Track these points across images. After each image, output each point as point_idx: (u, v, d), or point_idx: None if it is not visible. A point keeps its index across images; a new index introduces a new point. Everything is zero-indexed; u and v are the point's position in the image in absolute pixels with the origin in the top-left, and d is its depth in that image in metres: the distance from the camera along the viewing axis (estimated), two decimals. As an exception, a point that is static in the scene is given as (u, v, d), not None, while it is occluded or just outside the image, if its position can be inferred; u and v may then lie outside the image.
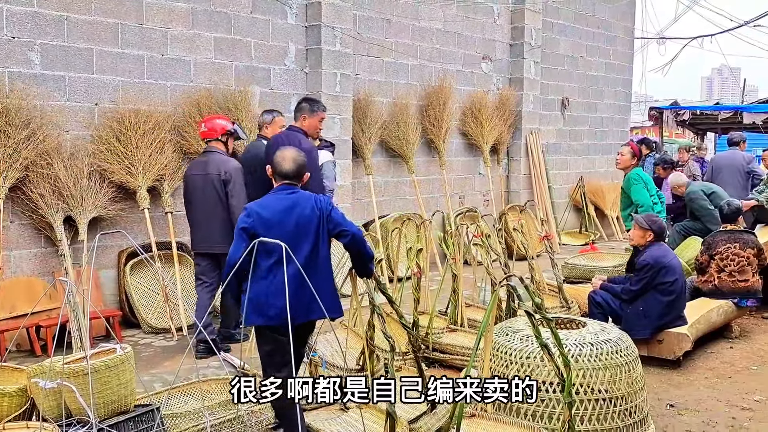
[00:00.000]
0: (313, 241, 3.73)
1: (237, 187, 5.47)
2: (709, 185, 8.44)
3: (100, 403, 3.42)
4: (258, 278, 3.59)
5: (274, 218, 3.69)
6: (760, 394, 4.98)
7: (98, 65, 6.17)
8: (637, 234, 5.80)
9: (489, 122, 9.92)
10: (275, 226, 3.66)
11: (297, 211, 3.72)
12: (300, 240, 3.69)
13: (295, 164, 3.83)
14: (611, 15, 12.71)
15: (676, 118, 16.42)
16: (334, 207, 3.90)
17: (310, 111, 5.55)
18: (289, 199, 3.76)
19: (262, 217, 3.69)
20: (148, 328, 6.09)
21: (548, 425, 3.80)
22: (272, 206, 3.74)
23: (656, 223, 5.77)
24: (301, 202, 3.76)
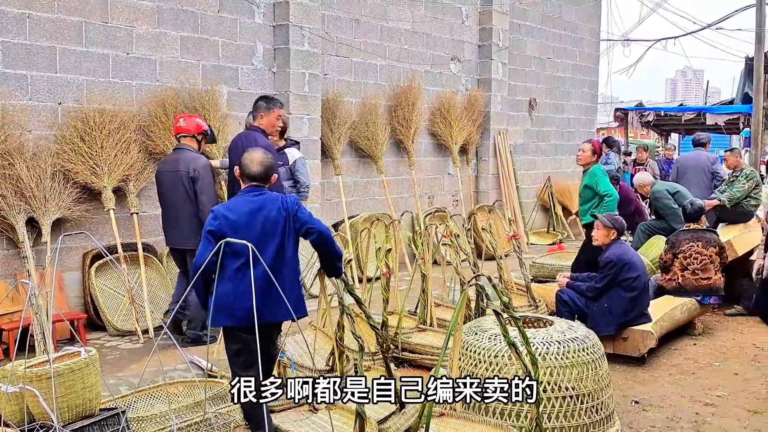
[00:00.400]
0: (280, 241, 3.74)
1: (205, 184, 5.56)
2: (673, 185, 8.59)
3: (64, 407, 3.36)
4: (225, 279, 3.60)
5: (241, 220, 3.70)
6: (722, 390, 5.09)
7: (62, 64, 6.06)
8: (602, 233, 5.90)
9: (458, 123, 9.98)
10: (242, 229, 3.66)
11: (264, 213, 3.73)
12: (266, 241, 3.69)
13: (262, 167, 3.84)
14: (577, 17, 12.87)
15: (640, 119, 16.70)
16: (301, 206, 3.89)
17: (266, 109, 5.63)
18: (255, 201, 3.77)
19: (228, 219, 3.71)
20: (113, 331, 6.00)
21: (516, 423, 3.83)
22: (239, 209, 3.75)
23: (618, 221, 5.89)
24: (268, 203, 3.77)
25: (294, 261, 3.85)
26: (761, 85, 13.31)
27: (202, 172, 5.56)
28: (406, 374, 5.09)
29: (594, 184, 6.87)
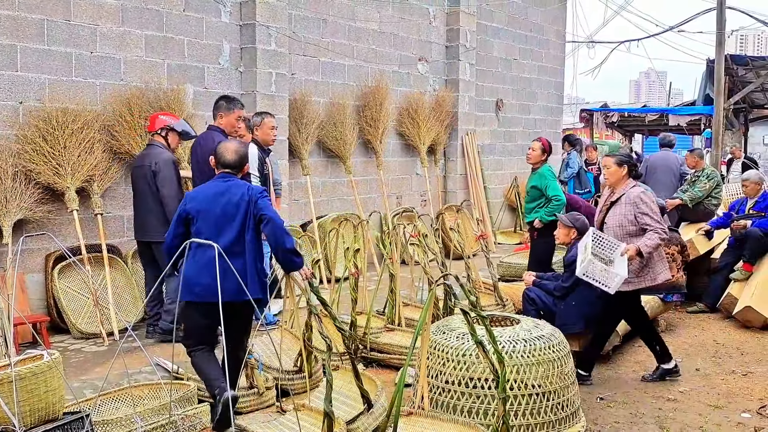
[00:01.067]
0: (240, 225, 4.03)
1: (166, 177, 5.65)
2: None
3: (27, 411, 3.30)
4: (189, 257, 3.95)
5: (204, 202, 4.04)
6: (684, 386, 5.19)
7: (23, 62, 5.94)
8: (562, 232, 5.99)
9: (426, 123, 10.02)
10: (204, 210, 4.02)
11: (227, 196, 4.06)
12: (227, 223, 4.01)
13: (237, 155, 4.22)
14: (543, 19, 13.01)
15: (605, 120, 16.96)
16: (264, 196, 4.15)
17: (226, 109, 5.73)
18: (222, 186, 4.12)
19: (194, 200, 4.09)
20: (78, 334, 5.90)
21: (484, 421, 3.86)
22: (204, 192, 4.14)
23: (579, 221, 5.95)
24: (233, 188, 4.11)
25: (254, 246, 4.07)
26: (722, 86, 13.61)
27: (162, 165, 5.62)
28: (374, 374, 5.10)
29: (543, 187, 6.90)
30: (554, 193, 6.89)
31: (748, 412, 4.66)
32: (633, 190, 5.27)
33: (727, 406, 4.79)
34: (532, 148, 7.09)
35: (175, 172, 5.71)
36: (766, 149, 22.58)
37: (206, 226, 4.03)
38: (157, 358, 5.15)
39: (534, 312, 5.77)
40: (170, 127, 5.89)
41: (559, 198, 6.84)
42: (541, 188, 6.89)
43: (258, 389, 4.47)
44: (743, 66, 14.84)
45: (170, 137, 5.90)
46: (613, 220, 5.29)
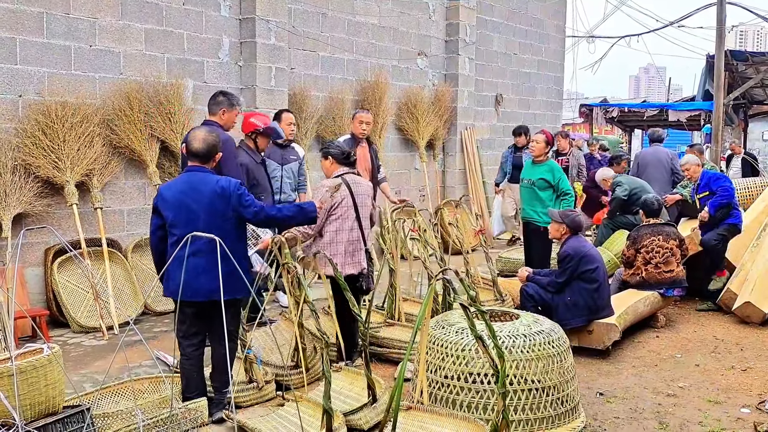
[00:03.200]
0: (212, 221, 3.94)
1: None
2: (635, 180, 8.69)
3: (27, 405, 3.30)
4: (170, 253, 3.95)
5: (174, 198, 3.99)
6: (683, 381, 5.20)
7: (22, 55, 5.93)
8: (553, 227, 6.03)
9: (425, 118, 10.01)
10: (175, 208, 3.97)
11: (198, 191, 3.98)
12: (199, 223, 3.92)
13: (204, 144, 4.08)
14: (543, 13, 12.99)
15: (605, 115, 16.94)
16: (242, 190, 4.08)
17: (229, 105, 5.60)
18: (190, 181, 4.03)
19: (163, 196, 4.03)
20: (77, 328, 5.90)
21: (483, 416, 3.87)
22: (174, 187, 4.06)
23: (569, 217, 5.96)
24: (202, 185, 4.00)
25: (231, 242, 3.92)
26: (722, 82, 13.60)
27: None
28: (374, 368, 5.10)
29: (556, 181, 6.89)
30: (567, 187, 6.92)
31: (748, 408, 4.67)
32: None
33: (727, 402, 4.80)
34: (536, 141, 7.08)
35: (246, 177, 5.85)
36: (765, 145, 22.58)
37: (181, 222, 3.97)
38: (158, 351, 5.16)
39: (533, 308, 5.78)
40: (258, 131, 6.03)
41: (570, 193, 6.88)
42: (553, 182, 6.87)
43: (257, 383, 4.48)
44: (743, 62, 14.82)
45: (259, 140, 6.09)
46: None
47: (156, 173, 6.68)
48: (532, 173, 7.08)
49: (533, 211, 7.00)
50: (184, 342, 4.15)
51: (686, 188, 8.50)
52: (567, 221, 5.93)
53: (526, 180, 7.09)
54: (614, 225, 8.38)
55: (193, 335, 4.17)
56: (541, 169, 7.02)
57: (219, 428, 4.07)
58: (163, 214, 4.02)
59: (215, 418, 4.10)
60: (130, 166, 6.71)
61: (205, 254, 3.89)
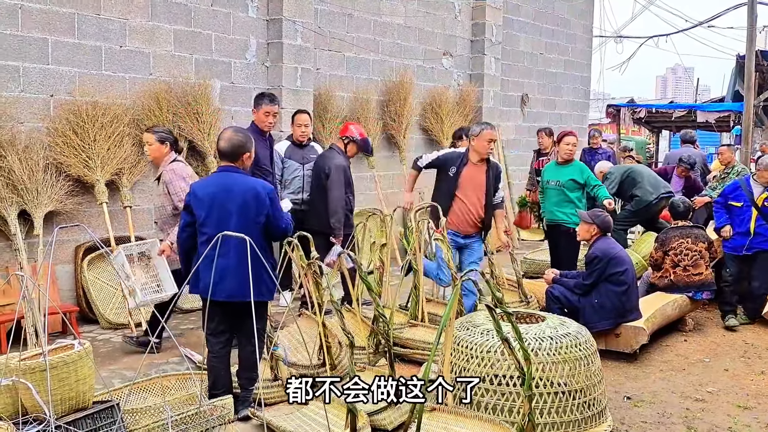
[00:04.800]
0: (243, 222, 3.97)
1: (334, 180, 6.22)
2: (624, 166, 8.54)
3: (57, 400, 3.36)
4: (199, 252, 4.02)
5: (206, 197, 4.03)
6: (712, 386, 5.13)
7: (54, 56, 6.03)
8: (583, 229, 5.96)
9: (449, 118, 9.99)
10: (206, 206, 4.01)
11: (230, 191, 4.02)
12: (231, 222, 3.95)
13: (229, 143, 4.13)
14: (570, 13, 12.89)
15: (632, 116, 16.76)
16: (276, 201, 4.13)
17: (255, 105, 6.04)
18: (225, 181, 4.06)
19: (196, 194, 4.07)
20: (106, 324, 5.98)
21: (508, 418, 3.85)
22: (206, 186, 4.11)
23: (599, 218, 5.89)
24: (235, 186, 4.05)
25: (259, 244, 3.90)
26: (752, 83, 13.38)
27: (333, 170, 6.21)
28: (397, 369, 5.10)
29: (585, 178, 6.83)
30: (596, 181, 6.89)
31: (778, 414, 4.60)
32: (170, 166, 5.14)
33: (757, 407, 4.73)
34: (573, 143, 6.99)
35: (344, 177, 6.27)
36: (796, 146, 22.17)
37: (212, 221, 4.01)
38: (184, 349, 5.21)
39: (558, 310, 5.74)
40: (352, 138, 6.44)
41: (600, 184, 6.84)
42: (582, 180, 6.80)
43: (282, 381, 4.50)
44: (774, 62, 14.55)
45: (349, 147, 6.47)
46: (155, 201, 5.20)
47: (183, 172, 6.75)
48: (559, 175, 7.00)
49: (561, 213, 6.92)
50: (212, 339, 4.19)
51: (715, 190, 8.39)
52: (597, 221, 5.88)
53: (553, 182, 7.01)
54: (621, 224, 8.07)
55: (220, 333, 4.21)
56: (568, 170, 6.94)
57: (245, 426, 4.10)
58: (195, 212, 4.06)
59: (241, 415, 4.13)
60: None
61: (234, 255, 3.91)
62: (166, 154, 5.28)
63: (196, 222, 4.07)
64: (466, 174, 5.95)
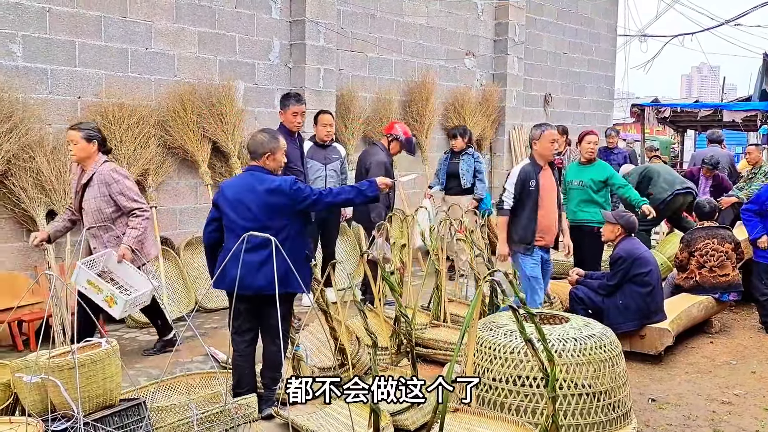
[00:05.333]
0: (267, 219, 4.04)
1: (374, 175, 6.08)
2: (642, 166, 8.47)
3: (85, 398, 3.40)
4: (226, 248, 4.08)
5: (232, 196, 4.13)
6: (739, 389, 5.07)
7: (81, 58, 6.11)
8: (607, 229, 5.91)
9: (472, 118, 9.97)
10: (232, 204, 4.11)
11: (253, 191, 4.10)
12: (252, 218, 4.05)
13: (252, 142, 4.27)
14: (594, 12, 12.80)
15: (657, 116, 16.58)
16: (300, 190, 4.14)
17: (283, 106, 6.05)
18: (250, 181, 4.16)
19: (224, 193, 4.18)
20: (132, 323, 6.06)
21: (532, 420, 3.84)
22: (233, 185, 4.22)
23: (623, 218, 5.84)
24: (258, 184, 4.12)
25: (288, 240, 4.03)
26: (779, 81, 13.18)
27: (373, 165, 6.48)
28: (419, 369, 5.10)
29: (608, 177, 6.77)
30: (621, 182, 6.81)
31: (806, 417, 4.53)
32: (104, 167, 4.83)
33: (784, 411, 4.66)
34: (594, 142, 6.93)
35: (384, 173, 6.30)
36: (825, 146, 21.81)
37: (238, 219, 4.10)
38: (209, 347, 5.25)
39: (582, 311, 5.70)
40: (396, 137, 6.72)
41: (626, 184, 6.78)
42: (605, 180, 6.74)
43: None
44: (802, 60, 14.33)
45: (393, 144, 6.74)
46: (90, 204, 4.81)
47: (207, 173, 6.82)
48: (581, 175, 6.94)
49: (584, 213, 6.86)
50: (237, 338, 4.23)
51: (742, 191, 8.28)
52: (622, 222, 5.82)
53: (576, 182, 6.96)
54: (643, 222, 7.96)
55: (245, 332, 4.25)
56: (591, 170, 6.88)
57: (268, 424, 4.13)
58: (222, 210, 4.16)
59: (264, 414, 4.16)
60: (183, 166, 6.86)
61: (260, 251, 3.94)
62: (93, 154, 4.85)
63: (222, 219, 4.18)
64: (543, 183, 5.67)
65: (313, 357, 4.95)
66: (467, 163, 7.88)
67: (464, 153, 7.91)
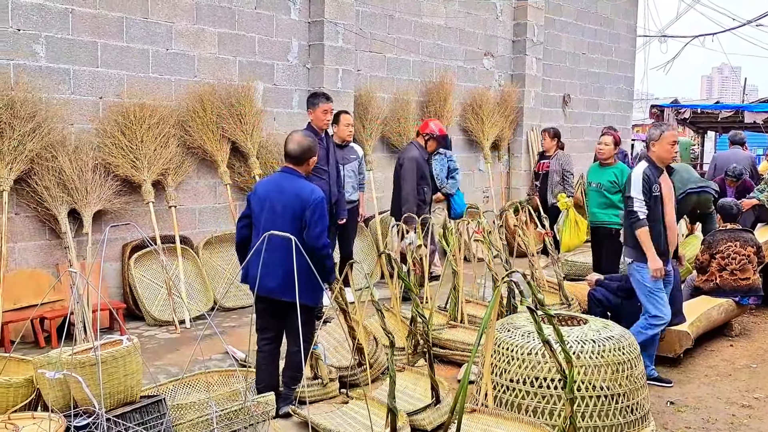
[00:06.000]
0: (289, 226, 4.01)
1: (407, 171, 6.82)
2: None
3: (106, 394, 3.44)
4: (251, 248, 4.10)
5: (263, 195, 4.15)
6: (759, 392, 5.02)
7: (103, 59, 6.18)
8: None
9: (490, 118, 9.95)
10: (258, 203, 4.16)
11: (282, 192, 4.11)
12: (277, 222, 4.04)
13: (298, 146, 4.21)
14: (613, 12, 12.72)
15: (676, 117, 16.46)
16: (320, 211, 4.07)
17: (312, 105, 6.14)
18: (279, 183, 4.18)
19: (256, 191, 4.22)
20: (151, 321, 6.12)
21: (549, 421, 3.83)
22: (265, 185, 4.24)
23: None
24: (289, 188, 4.12)
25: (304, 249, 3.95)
26: (802, 82, 13.02)
27: (407, 162, 6.76)
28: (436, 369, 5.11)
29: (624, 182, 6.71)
30: None
31: (828, 422, 4.48)
32: None
33: (805, 415, 4.61)
34: (605, 143, 6.89)
35: (417, 169, 6.72)
36: None
37: (263, 217, 4.15)
38: (228, 346, 5.29)
39: (601, 313, 5.68)
40: (432, 135, 6.99)
41: None
42: (620, 186, 6.69)
43: (322, 380, 4.55)
44: (826, 60, 14.14)
45: (429, 143, 7.00)
46: None
47: (227, 173, 6.87)
48: (600, 176, 6.92)
49: (603, 214, 6.84)
50: (259, 336, 4.29)
51: (763, 193, 8.19)
52: None
53: (594, 183, 6.95)
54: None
55: (264, 330, 4.30)
56: (609, 171, 6.86)
57: (286, 422, 4.16)
58: (252, 207, 4.22)
59: (282, 412, 4.19)
60: (202, 166, 6.92)
61: (279, 253, 3.95)
62: None
63: (252, 216, 4.24)
64: (664, 188, 5.14)
65: (330, 357, 4.97)
66: (440, 164, 7.70)
67: (436, 153, 7.62)
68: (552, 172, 8.48)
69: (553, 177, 8.43)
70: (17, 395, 3.73)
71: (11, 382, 3.72)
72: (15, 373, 3.99)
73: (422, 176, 6.85)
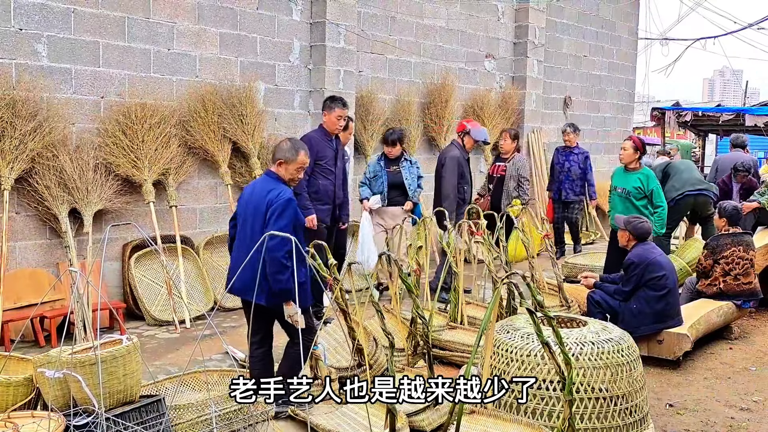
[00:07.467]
0: (259, 227, 4.07)
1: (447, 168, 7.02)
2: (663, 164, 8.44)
3: (106, 393, 3.45)
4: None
5: (246, 198, 4.27)
6: (758, 395, 5.02)
7: (104, 58, 6.19)
8: (620, 234, 5.93)
9: (491, 120, 9.95)
10: (242, 205, 4.28)
11: (254, 195, 4.21)
12: (248, 223, 4.17)
13: (277, 145, 4.36)
14: (615, 15, 12.73)
15: (678, 119, 16.45)
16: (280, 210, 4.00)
17: (328, 108, 6.17)
18: (258, 184, 4.31)
19: (243, 192, 4.35)
20: (151, 321, 6.12)
21: (548, 423, 3.83)
22: (249, 187, 4.37)
23: (631, 224, 5.81)
24: (261, 189, 4.19)
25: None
26: (803, 86, 13.02)
27: (447, 160, 7.00)
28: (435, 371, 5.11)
29: (649, 192, 6.68)
30: (660, 201, 6.70)
31: (827, 426, 4.48)
32: None
33: (804, 419, 4.62)
34: (624, 148, 6.86)
35: (457, 167, 6.93)
36: None
37: (241, 219, 4.27)
38: (228, 346, 5.30)
39: (600, 315, 5.69)
40: (467, 131, 7.17)
41: (662, 206, 6.69)
42: (646, 192, 6.66)
43: (322, 380, 4.54)
44: (827, 64, 14.14)
45: (466, 140, 7.18)
46: None
47: (228, 173, 6.88)
48: (625, 182, 6.85)
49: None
50: (250, 340, 4.30)
51: (764, 196, 8.19)
52: (629, 228, 5.80)
53: (619, 188, 6.90)
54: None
55: (254, 333, 4.30)
56: (635, 177, 6.80)
57: (285, 423, 4.16)
58: (238, 209, 4.35)
59: (280, 412, 4.19)
60: (204, 166, 6.93)
61: (246, 253, 3.88)
62: None
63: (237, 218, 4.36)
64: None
65: (330, 357, 4.98)
66: (409, 171, 7.20)
67: (403, 159, 7.20)
68: (508, 177, 7.99)
69: (508, 183, 7.96)
70: (17, 394, 3.74)
71: (11, 380, 3.74)
72: (15, 371, 4.01)
73: (462, 175, 7.03)
